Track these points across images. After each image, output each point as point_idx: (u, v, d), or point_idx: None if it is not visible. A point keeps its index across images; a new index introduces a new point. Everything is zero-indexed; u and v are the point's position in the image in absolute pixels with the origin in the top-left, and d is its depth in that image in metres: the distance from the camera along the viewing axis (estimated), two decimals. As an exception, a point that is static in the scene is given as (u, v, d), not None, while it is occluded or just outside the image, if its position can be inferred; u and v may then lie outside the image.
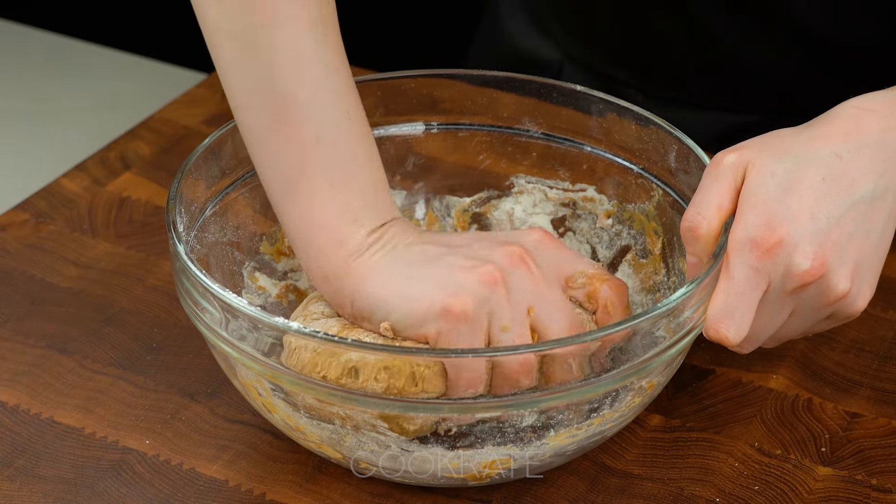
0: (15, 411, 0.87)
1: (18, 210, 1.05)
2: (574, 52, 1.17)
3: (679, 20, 1.06)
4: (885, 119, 0.80)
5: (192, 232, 0.85)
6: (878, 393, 0.89)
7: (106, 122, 2.21)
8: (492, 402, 0.74)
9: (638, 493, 0.81)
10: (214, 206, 0.88)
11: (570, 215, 0.95)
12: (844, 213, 0.78)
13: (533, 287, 0.78)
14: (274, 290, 0.91)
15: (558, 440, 0.78)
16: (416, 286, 0.77)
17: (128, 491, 0.81)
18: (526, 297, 0.78)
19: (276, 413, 0.79)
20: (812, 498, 0.81)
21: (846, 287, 0.78)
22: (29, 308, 0.95)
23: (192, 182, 0.85)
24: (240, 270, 0.90)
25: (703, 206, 0.79)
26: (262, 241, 0.91)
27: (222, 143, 0.87)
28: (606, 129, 0.92)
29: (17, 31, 2.51)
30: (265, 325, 0.74)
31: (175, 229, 0.80)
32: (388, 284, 0.77)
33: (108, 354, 0.91)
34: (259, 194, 0.90)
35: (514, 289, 0.77)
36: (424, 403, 0.74)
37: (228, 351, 0.76)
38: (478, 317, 0.76)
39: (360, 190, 0.80)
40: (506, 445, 0.77)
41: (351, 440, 0.77)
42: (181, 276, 0.78)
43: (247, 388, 0.79)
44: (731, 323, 0.77)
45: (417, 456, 0.77)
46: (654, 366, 0.76)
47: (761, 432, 0.86)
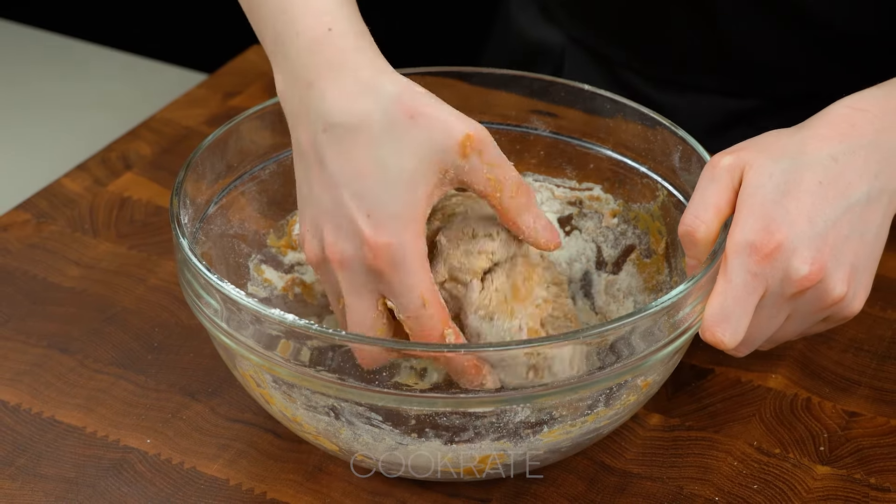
0: (16, 410, 0.87)
1: (20, 210, 1.05)
2: (577, 35, 1.17)
3: (686, 4, 1.06)
4: (877, 119, 0.80)
5: (197, 224, 0.85)
6: (877, 392, 0.89)
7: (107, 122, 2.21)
8: (486, 398, 0.74)
9: (637, 492, 0.82)
10: (220, 200, 0.88)
11: (576, 214, 0.95)
12: (841, 215, 0.78)
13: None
14: (280, 283, 0.91)
15: (553, 436, 0.78)
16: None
17: (129, 490, 0.81)
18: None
19: (274, 404, 0.79)
20: (811, 497, 0.81)
21: (843, 290, 0.78)
22: (30, 308, 0.95)
23: (197, 176, 0.85)
24: (246, 263, 0.90)
25: (700, 210, 0.79)
26: (270, 234, 0.92)
27: (228, 138, 0.88)
28: (613, 128, 0.92)
29: (19, 31, 2.51)
30: (264, 318, 0.74)
31: (178, 222, 0.80)
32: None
33: (110, 354, 0.92)
34: (266, 188, 0.91)
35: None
36: (419, 397, 0.74)
37: (228, 342, 0.77)
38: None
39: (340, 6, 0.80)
40: (500, 440, 0.78)
41: (346, 432, 0.77)
42: (183, 268, 0.79)
43: (246, 380, 0.80)
44: (728, 327, 0.77)
45: (413, 449, 0.77)
46: (650, 364, 0.76)
47: (760, 431, 0.86)
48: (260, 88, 1.22)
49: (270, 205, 0.92)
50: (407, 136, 0.75)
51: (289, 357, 0.75)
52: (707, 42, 1.08)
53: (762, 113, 1.10)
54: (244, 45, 1.32)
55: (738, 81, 1.11)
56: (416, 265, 0.75)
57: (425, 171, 0.75)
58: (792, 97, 1.09)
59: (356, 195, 0.75)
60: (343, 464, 0.83)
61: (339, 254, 0.76)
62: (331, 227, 0.76)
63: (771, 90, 1.10)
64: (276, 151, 0.91)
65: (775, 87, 1.10)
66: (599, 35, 1.15)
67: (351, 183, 0.75)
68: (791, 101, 1.09)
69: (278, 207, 0.92)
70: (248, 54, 1.28)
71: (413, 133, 0.75)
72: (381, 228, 0.74)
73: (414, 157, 0.75)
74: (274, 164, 0.91)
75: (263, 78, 1.23)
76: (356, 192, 0.75)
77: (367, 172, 0.75)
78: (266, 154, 0.91)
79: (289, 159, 0.91)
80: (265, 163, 0.91)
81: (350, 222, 0.75)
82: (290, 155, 0.91)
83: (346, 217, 0.75)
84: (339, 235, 0.76)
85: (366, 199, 0.75)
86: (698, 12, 1.06)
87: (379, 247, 0.74)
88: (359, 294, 0.77)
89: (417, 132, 0.75)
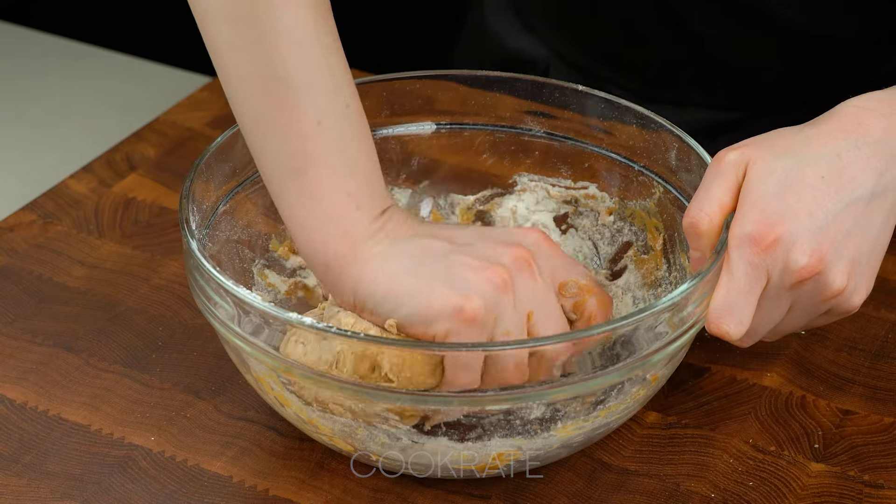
0: (23, 408, 0.87)
1: (26, 211, 1.06)
2: (560, 50, 1.17)
3: (663, 18, 1.06)
4: (885, 118, 0.81)
5: (203, 230, 0.85)
6: (871, 390, 0.90)
7: (112, 124, 2.21)
8: (501, 395, 0.74)
9: (634, 489, 0.82)
10: (225, 205, 0.88)
11: (572, 212, 0.96)
12: (843, 210, 0.78)
13: (534, 293, 0.78)
14: (283, 287, 0.91)
15: (565, 432, 0.79)
16: (425, 284, 0.76)
17: (133, 486, 0.82)
18: (528, 303, 0.78)
19: (289, 407, 0.79)
20: (805, 493, 0.82)
21: (843, 283, 0.79)
22: (36, 307, 0.96)
23: (203, 181, 0.85)
24: (250, 268, 0.90)
25: (705, 203, 0.80)
26: (272, 238, 0.92)
27: (233, 143, 0.88)
28: (608, 127, 0.93)
29: (25, 34, 2.51)
30: (277, 321, 0.75)
31: (188, 227, 0.80)
32: (395, 278, 0.76)
33: (114, 353, 0.92)
34: (268, 193, 0.91)
35: (519, 294, 0.77)
36: (435, 396, 0.74)
37: (241, 346, 0.77)
38: (487, 319, 0.76)
39: (363, 176, 0.79)
40: (514, 437, 0.78)
41: (363, 433, 0.78)
42: (195, 272, 0.79)
43: (260, 383, 0.80)
44: (732, 319, 0.78)
45: (429, 448, 0.78)
46: (658, 359, 0.77)
47: (756, 429, 0.86)
48: (263, 91, 1.22)
49: (273, 209, 0.90)
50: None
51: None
52: (688, 58, 1.08)
53: (745, 125, 1.10)
54: (247, 49, 1.32)
55: (720, 95, 1.11)
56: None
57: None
58: (774, 108, 1.10)
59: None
60: (345, 461, 0.83)
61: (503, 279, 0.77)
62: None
63: (755, 102, 1.11)
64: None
65: (759, 98, 1.11)
66: (581, 49, 1.15)
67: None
68: (773, 112, 1.09)
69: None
70: (251, 57, 1.28)
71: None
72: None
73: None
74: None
75: (266, 80, 1.24)
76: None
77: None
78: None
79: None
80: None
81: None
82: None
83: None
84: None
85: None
86: (676, 28, 1.06)
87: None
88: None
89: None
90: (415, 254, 0.77)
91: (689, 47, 1.07)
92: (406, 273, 0.76)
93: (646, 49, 1.10)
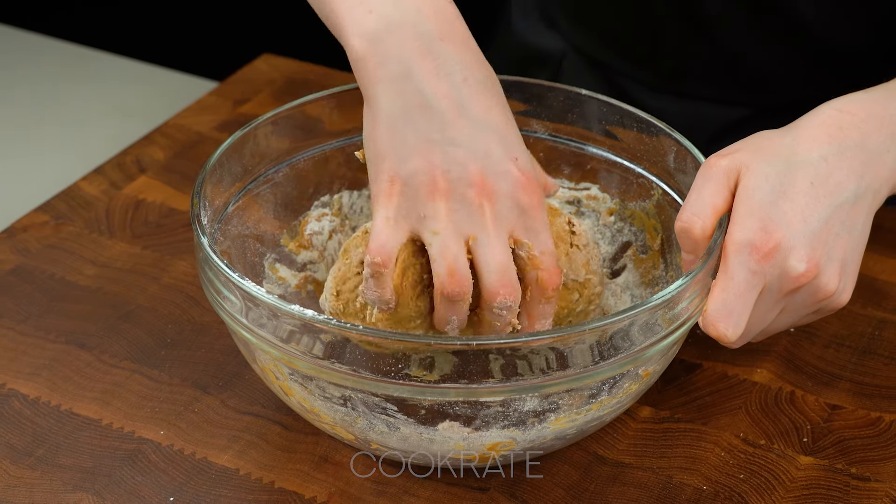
0: (36, 403, 0.88)
1: (39, 212, 1.07)
2: (576, 42, 1.17)
3: (679, 13, 1.07)
4: (863, 123, 0.82)
5: (215, 225, 0.86)
6: (857, 386, 0.91)
7: (122, 128, 2.23)
8: (496, 387, 0.75)
9: (629, 482, 0.83)
10: (237, 202, 0.89)
11: (574, 213, 0.96)
12: (831, 214, 0.80)
13: (470, 222, 0.80)
14: (293, 281, 0.92)
15: (559, 424, 0.79)
16: (398, 139, 0.80)
17: (143, 479, 0.83)
18: (465, 227, 0.79)
19: (292, 396, 0.81)
20: (794, 485, 0.83)
21: (835, 285, 0.80)
22: (49, 305, 0.97)
23: (215, 179, 0.86)
24: (261, 262, 0.91)
25: (697, 207, 0.80)
26: (283, 234, 0.93)
27: (244, 143, 0.89)
28: (609, 130, 0.93)
29: (40, 41, 2.53)
30: (283, 313, 0.76)
31: (199, 222, 0.81)
32: (383, 114, 0.80)
33: (125, 349, 0.93)
34: (279, 190, 0.92)
35: (456, 215, 0.79)
36: (432, 387, 0.75)
37: (248, 337, 0.78)
38: (412, 208, 0.79)
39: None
40: (509, 428, 0.79)
41: (362, 422, 0.79)
42: (204, 266, 0.80)
43: (265, 373, 0.81)
44: (730, 321, 0.79)
45: (426, 437, 0.79)
46: (651, 354, 0.78)
47: (746, 423, 0.87)
48: (268, 96, 1.22)
49: (284, 206, 0.93)
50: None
51: (306, 350, 0.76)
52: (702, 53, 1.09)
53: (758, 121, 1.11)
54: (253, 55, 1.32)
55: (733, 91, 1.11)
56: (544, 209, 0.81)
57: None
58: (784, 107, 1.10)
59: (503, 142, 0.80)
60: (348, 455, 0.84)
61: (491, 187, 0.79)
62: (477, 167, 0.79)
63: (766, 99, 1.11)
64: (289, 155, 0.92)
65: (770, 96, 1.11)
66: (598, 41, 1.15)
67: (497, 131, 0.80)
68: (783, 110, 1.10)
69: (291, 209, 0.93)
70: (256, 63, 1.28)
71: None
72: (527, 172, 0.80)
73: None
74: (287, 168, 0.92)
75: (271, 86, 1.24)
76: (502, 140, 0.80)
77: (504, 123, 0.81)
78: (279, 157, 0.92)
79: (301, 163, 0.93)
80: (279, 166, 0.92)
81: (500, 163, 0.79)
82: (301, 159, 0.93)
83: (494, 158, 0.80)
84: (489, 173, 0.79)
85: (512, 148, 0.80)
86: (692, 24, 1.07)
87: (532, 187, 0.80)
88: (499, 230, 0.79)
89: None
90: (416, 104, 0.80)
91: (705, 41, 1.08)
92: (391, 118, 0.80)
93: (660, 43, 1.10)
